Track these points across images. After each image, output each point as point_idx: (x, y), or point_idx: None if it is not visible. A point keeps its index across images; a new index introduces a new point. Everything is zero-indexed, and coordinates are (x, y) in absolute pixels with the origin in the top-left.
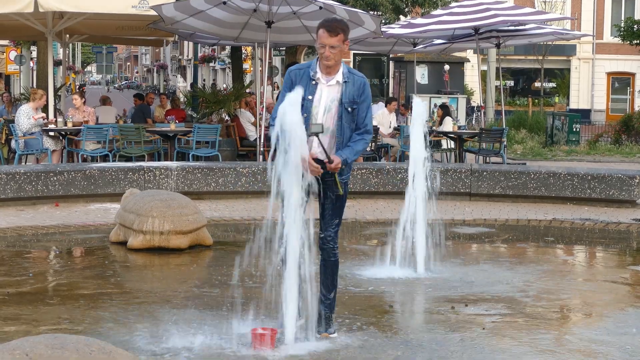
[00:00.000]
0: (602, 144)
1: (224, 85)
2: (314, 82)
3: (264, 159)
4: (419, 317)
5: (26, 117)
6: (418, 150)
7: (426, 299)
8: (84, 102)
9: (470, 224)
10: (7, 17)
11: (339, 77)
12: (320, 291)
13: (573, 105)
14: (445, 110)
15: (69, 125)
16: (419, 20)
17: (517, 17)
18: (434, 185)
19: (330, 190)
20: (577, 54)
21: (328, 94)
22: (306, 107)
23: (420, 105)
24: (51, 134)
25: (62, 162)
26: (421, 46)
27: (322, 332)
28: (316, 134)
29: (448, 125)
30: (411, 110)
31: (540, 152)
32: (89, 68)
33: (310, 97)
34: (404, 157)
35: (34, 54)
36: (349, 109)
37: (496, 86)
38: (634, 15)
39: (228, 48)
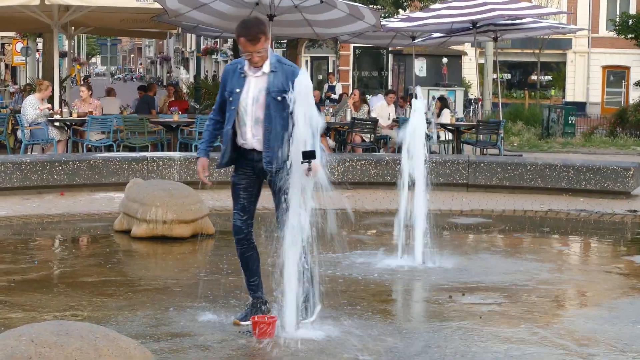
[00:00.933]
0: (597, 136)
1: None
2: (242, 75)
3: None
4: (416, 306)
5: (32, 107)
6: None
7: (424, 288)
8: (91, 95)
9: (468, 215)
10: (13, 9)
11: (265, 67)
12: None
13: (569, 98)
14: (443, 102)
15: (74, 115)
16: (418, 14)
17: (514, 11)
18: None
19: (272, 181)
20: (573, 47)
21: (255, 84)
22: (234, 100)
23: (420, 105)
24: (56, 124)
25: (67, 152)
26: (420, 39)
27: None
28: (308, 161)
29: (446, 117)
30: (410, 103)
31: (537, 144)
32: (93, 60)
33: (238, 90)
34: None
35: (40, 46)
36: (278, 98)
37: (493, 79)
38: (628, 10)
39: (230, 41)
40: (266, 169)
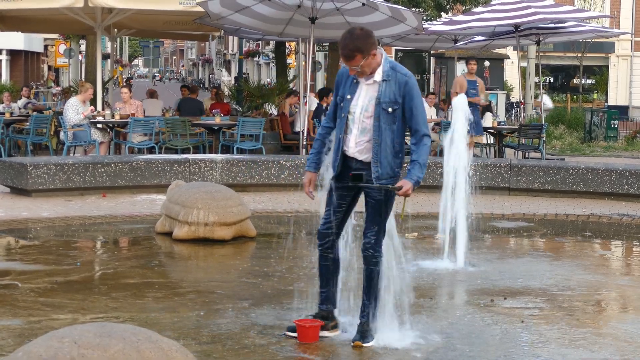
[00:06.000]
0: (639, 140)
1: (268, 80)
2: (355, 81)
3: (307, 153)
4: (458, 309)
5: (74, 110)
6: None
7: (466, 291)
8: (131, 96)
9: (510, 219)
10: (57, 11)
11: (377, 76)
12: (362, 299)
13: (611, 101)
14: (485, 105)
15: (117, 117)
16: (460, 17)
17: (557, 14)
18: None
19: (368, 195)
20: (615, 51)
21: (366, 93)
22: (345, 107)
23: (462, 105)
24: (99, 126)
25: (109, 153)
26: (462, 43)
27: (355, 341)
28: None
29: (488, 120)
30: (450, 105)
31: (579, 147)
32: (135, 61)
33: (349, 97)
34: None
35: (83, 48)
36: (389, 110)
37: (535, 82)
38: None
39: (272, 43)
40: (376, 183)
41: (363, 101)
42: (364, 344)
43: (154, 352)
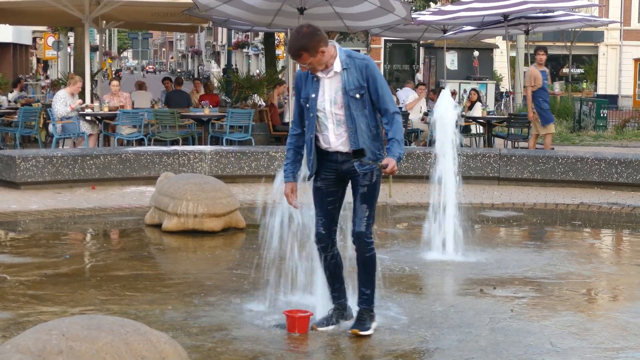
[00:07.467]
0: (629, 129)
1: (257, 71)
2: (315, 79)
3: None
4: (448, 299)
5: (62, 103)
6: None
7: (455, 281)
8: (119, 88)
9: (499, 208)
10: (45, 3)
11: (336, 66)
12: (357, 286)
13: (600, 91)
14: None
15: (105, 109)
16: (449, 7)
17: (546, 3)
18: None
19: (356, 183)
20: (604, 40)
21: (330, 86)
22: (312, 106)
23: (448, 101)
24: (88, 118)
25: (98, 146)
26: (451, 33)
27: (353, 329)
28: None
29: (477, 110)
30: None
31: (568, 137)
32: (125, 54)
33: (314, 95)
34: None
35: (71, 40)
36: (357, 96)
37: (525, 72)
38: None
39: (261, 34)
40: (359, 171)
41: (329, 94)
42: (362, 332)
43: (143, 344)
